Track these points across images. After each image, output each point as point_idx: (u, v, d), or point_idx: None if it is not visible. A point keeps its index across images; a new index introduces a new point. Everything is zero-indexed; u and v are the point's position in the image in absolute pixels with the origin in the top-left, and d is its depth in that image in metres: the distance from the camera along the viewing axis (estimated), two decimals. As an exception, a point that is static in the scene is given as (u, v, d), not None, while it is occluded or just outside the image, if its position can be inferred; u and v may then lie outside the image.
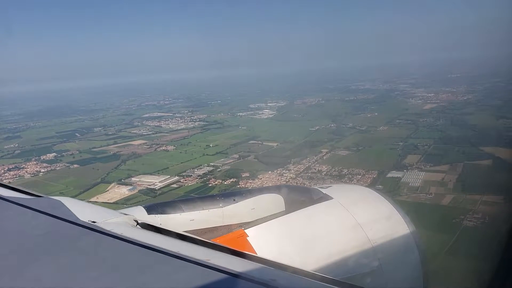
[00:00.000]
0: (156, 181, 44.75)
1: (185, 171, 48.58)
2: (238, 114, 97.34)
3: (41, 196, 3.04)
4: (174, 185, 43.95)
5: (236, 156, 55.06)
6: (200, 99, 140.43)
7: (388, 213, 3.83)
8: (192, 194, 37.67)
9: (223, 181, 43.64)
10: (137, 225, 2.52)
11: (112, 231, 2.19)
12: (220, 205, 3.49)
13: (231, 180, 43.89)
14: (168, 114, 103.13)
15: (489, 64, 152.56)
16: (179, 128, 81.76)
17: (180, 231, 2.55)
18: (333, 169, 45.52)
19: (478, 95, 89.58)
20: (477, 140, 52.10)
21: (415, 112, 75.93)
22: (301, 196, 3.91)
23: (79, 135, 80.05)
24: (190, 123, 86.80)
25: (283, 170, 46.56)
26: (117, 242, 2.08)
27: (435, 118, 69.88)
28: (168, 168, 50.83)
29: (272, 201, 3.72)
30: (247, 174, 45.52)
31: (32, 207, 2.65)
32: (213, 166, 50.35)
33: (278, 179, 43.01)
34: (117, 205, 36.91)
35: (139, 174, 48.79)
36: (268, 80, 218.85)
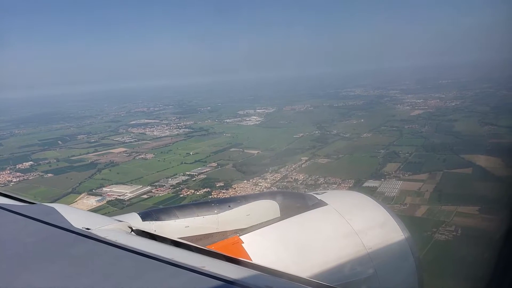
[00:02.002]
0: (127, 192, 43.38)
1: (158, 181, 47.19)
2: (225, 120, 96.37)
3: (34, 203, 3.03)
4: (145, 196, 42.58)
5: (214, 164, 53.75)
6: (190, 106, 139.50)
7: (383, 219, 3.81)
8: (161, 206, 36.29)
9: (195, 191, 42.28)
10: (132, 232, 2.51)
11: (107, 238, 2.18)
12: (215, 211, 3.46)
13: (204, 190, 42.54)
14: (155, 121, 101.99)
15: (482, 69, 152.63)
16: (163, 135, 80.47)
17: (175, 237, 2.52)
18: (309, 178, 44.28)
19: (466, 101, 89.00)
20: (460, 147, 51.10)
21: (401, 119, 74.97)
22: (296, 202, 3.89)
23: (61, 143, 78.74)
24: (175, 130, 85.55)
25: (259, 179, 45.34)
26: (111, 249, 2.06)
27: (421, 125, 68.95)
28: (142, 177, 49.44)
29: (267, 208, 3.70)
30: (222, 184, 44.21)
31: (26, 214, 2.63)
32: (188, 175, 48.97)
33: (253, 188, 41.69)
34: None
35: (112, 184, 47.42)
36: (263, 86, 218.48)
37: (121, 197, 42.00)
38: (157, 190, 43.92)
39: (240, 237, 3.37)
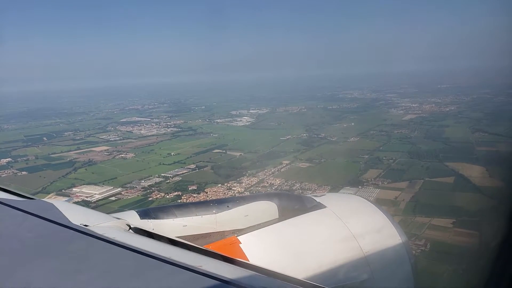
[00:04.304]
0: (96, 193, 41.80)
1: (131, 182, 45.63)
2: (216, 120, 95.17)
3: (33, 199, 3.03)
4: (113, 198, 40.98)
5: (193, 166, 52.18)
6: (185, 104, 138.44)
7: (381, 223, 3.83)
8: (126, 209, 34.74)
9: (165, 195, 40.69)
10: (130, 230, 2.51)
11: (104, 235, 2.18)
12: (214, 211, 3.48)
13: (175, 193, 40.91)
14: (146, 119, 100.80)
15: (484, 75, 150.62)
16: (149, 134, 79.07)
17: (172, 236, 2.53)
18: (285, 183, 42.68)
19: (461, 107, 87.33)
20: (446, 154, 49.40)
21: (392, 123, 73.25)
22: (294, 204, 3.89)
23: (46, 139, 77.48)
24: (162, 129, 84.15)
25: (234, 182, 43.78)
26: (109, 246, 2.07)
27: (411, 130, 67.23)
28: (116, 178, 47.90)
29: (265, 209, 3.71)
30: (195, 187, 42.65)
31: (24, 209, 2.63)
32: (163, 177, 47.39)
33: (225, 193, 40.17)
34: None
35: (83, 184, 45.94)
36: (262, 86, 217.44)
37: (89, 199, 40.39)
38: (126, 192, 42.33)
39: (238, 237, 3.37)
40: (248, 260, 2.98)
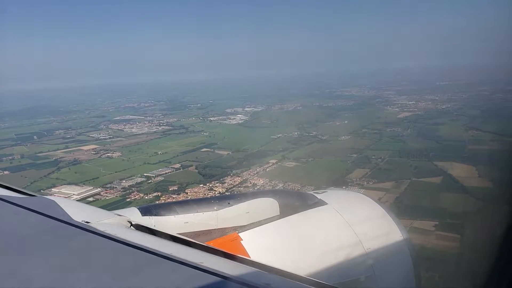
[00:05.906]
0: (75, 193, 40.79)
1: (112, 182, 44.64)
2: (210, 118, 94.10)
3: (35, 196, 3.05)
4: (91, 199, 39.96)
5: (178, 165, 51.14)
6: (182, 102, 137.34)
7: (382, 220, 3.82)
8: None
9: (144, 196, 39.69)
10: (131, 226, 2.52)
11: (106, 231, 2.18)
12: (215, 208, 3.47)
13: (155, 194, 39.93)
14: (139, 117, 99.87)
15: (484, 71, 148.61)
16: (140, 132, 78.11)
17: (174, 233, 2.54)
18: (269, 183, 41.57)
19: (458, 104, 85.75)
20: (437, 153, 48.12)
21: (386, 121, 71.91)
22: (295, 201, 3.88)
23: (36, 138, 76.65)
24: (154, 127, 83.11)
25: (217, 183, 42.73)
26: (110, 243, 2.07)
27: (404, 128, 65.90)
28: (98, 178, 46.95)
29: (266, 205, 3.70)
30: (175, 188, 41.60)
31: (26, 206, 2.64)
32: (146, 176, 46.37)
33: (206, 193, 39.12)
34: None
35: (64, 184, 45.00)
36: (262, 84, 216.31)
37: (66, 199, 39.48)
38: (106, 193, 41.37)
39: (239, 234, 3.35)
40: (249, 257, 2.99)
